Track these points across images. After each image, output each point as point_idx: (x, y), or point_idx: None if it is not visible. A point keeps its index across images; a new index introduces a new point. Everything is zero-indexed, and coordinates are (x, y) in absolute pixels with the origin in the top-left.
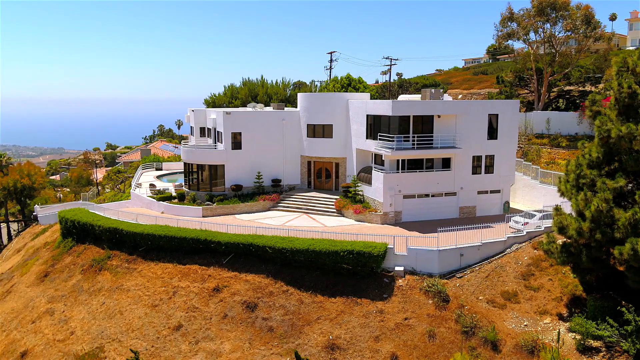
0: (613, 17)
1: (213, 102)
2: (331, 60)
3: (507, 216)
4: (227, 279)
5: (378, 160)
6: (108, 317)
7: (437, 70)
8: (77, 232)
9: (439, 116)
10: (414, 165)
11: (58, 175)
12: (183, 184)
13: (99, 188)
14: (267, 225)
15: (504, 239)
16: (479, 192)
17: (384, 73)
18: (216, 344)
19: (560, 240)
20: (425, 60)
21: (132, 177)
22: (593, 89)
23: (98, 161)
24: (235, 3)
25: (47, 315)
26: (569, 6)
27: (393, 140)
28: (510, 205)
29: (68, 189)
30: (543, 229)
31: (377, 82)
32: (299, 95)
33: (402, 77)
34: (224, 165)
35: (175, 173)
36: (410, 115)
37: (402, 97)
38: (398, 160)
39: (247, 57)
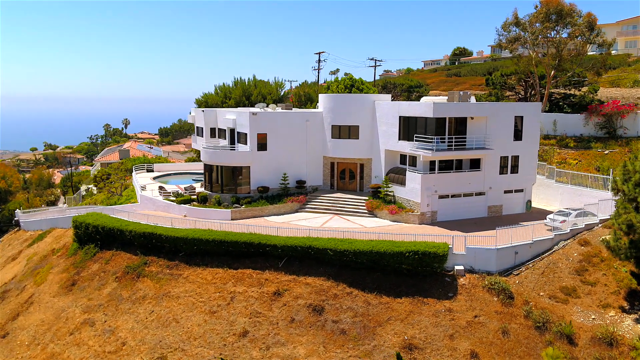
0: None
1: (205, 102)
2: (319, 61)
3: (547, 215)
4: (285, 282)
5: (408, 161)
6: (162, 325)
7: (397, 70)
8: (102, 237)
9: (472, 118)
10: (445, 165)
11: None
12: (194, 185)
13: (80, 191)
14: (305, 227)
15: (551, 237)
16: (505, 192)
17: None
18: (289, 349)
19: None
20: (390, 61)
21: (122, 178)
22: (577, 92)
23: (74, 160)
24: (214, 3)
25: (87, 326)
26: (574, 13)
27: (432, 142)
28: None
29: (30, 193)
30: (583, 226)
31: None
32: (323, 96)
33: (387, 78)
34: (249, 166)
35: (170, 174)
36: (446, 117)
37: (424, 99)
38: (431, 161)
39: (227, 56)
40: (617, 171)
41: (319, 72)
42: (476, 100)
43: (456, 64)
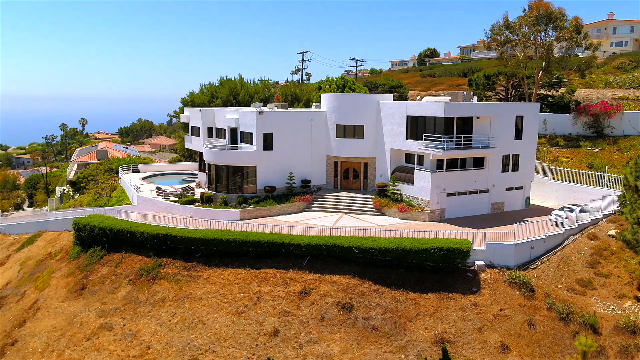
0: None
1: (192, 101)
2: (303, 60)
3: (552, 212)
4: (311, 281)
5: (413, 159)
6: (188, 327)
7: (359, 71)
8: (109, 240)
9: (478, 117)
10: (451, 164)
11: None
12: (192, 186)
13: (57, 193)
14: (318, 225)
15: (562, 232)
16: (507, 189)
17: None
18: (322, 347)
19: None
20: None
21: (108, 179)
22: (555, 93)
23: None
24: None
25: (104, 330)
26: (562, 16)
27: (441, 141)
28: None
29: None
30: (589, 221)
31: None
32: (326, 95)
33: (367, 78)
34: (255, 166)
35: (157, 175)
36: (454, 116)
37: (426, 99)
38: (438, 160)
39: (190, 56)
40: (627, 169)
41: (302, 72)
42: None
43: (426, 64)
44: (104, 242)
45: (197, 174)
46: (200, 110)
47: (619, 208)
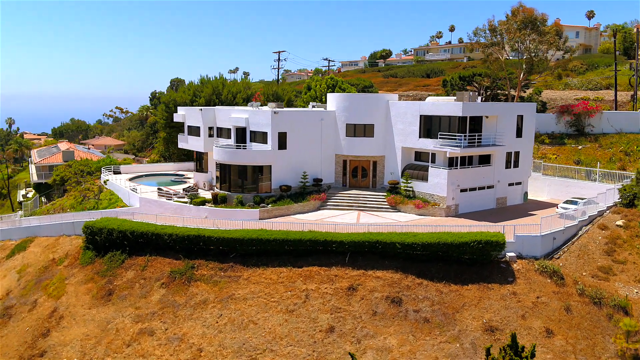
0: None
1: (174, 100)
2: (279, 60)
3: (559, 204)
4: (355, 277)
5: (423, 157)
6: (239, 328)
7: (299, 70)
8: (130, 243)
9: (487, 117)
10: (462, 162)
11: None
12: (195, 186)
13: (19, 197)
14: (340, 223)
15: (576, 223)
16: (509, 184)
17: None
18: (380, 340)
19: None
20: (296, 59)
21: (92, 181)
22: (523, 94)
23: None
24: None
25: (145, 335)
26: (545, 22)
27: (457, 139)
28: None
29: None
30: (596, 213)
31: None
32: (335, 95)
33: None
34: (270, 165)
35: (141, 176)
36: (467, 116)
37: (430, 99)
38: (450, 158)
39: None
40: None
41: (278, 71)
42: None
43: (378, 65)
44: (125, 246)
45: (183, 174)
46: (201, 109)
47: (619, 200)
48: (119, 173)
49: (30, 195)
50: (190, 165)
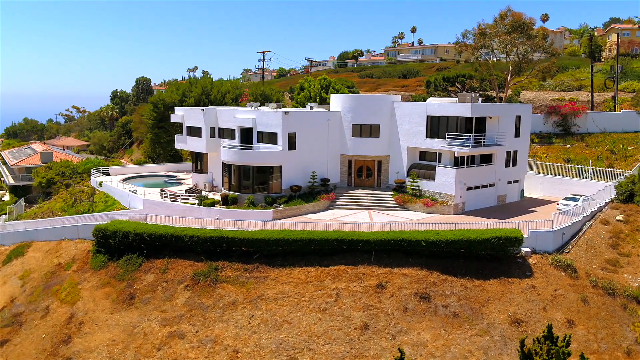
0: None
1: (163, 101)
2: (264, 60)
3: (559, 201)
4: (383, 275)
5: (428, 157)
6: (273, 328)
7: (258, 69)
8: (147, 246)
9: (490, 117)
10: (466, 161)
11: None
12: (195, 186)
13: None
14: (354, 221)
15: (580, 219)
16: (508, 182)
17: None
18: (414, 335)
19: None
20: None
21: (85, 184)
22: (502, 95)
23: None
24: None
25: (175, 338)
26: (532, 25)
27: (466, 139)
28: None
29: None
30: (596, 209)
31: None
32: (341, 96)
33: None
34: (280, 166)
35: (132, 177)
36: (473, 117)
37: (430, 100)
38: (455, 157)
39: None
40: None
41: (263, 71)
42: (413, 100)
43: (350, 65)
44: (142, 249)
45: (175, 176)
46: (203, 110)
47: (616, 196)
48: (108, 174)
49: (6, 198)
50: (179, 166)
